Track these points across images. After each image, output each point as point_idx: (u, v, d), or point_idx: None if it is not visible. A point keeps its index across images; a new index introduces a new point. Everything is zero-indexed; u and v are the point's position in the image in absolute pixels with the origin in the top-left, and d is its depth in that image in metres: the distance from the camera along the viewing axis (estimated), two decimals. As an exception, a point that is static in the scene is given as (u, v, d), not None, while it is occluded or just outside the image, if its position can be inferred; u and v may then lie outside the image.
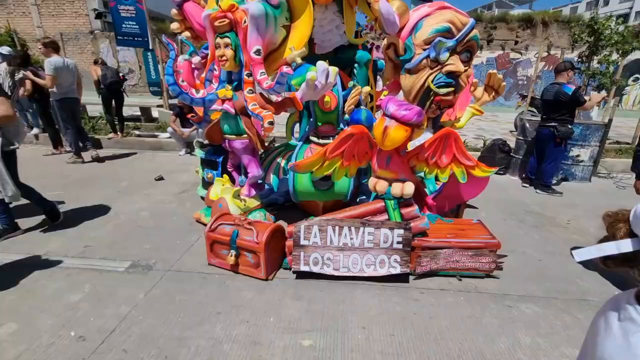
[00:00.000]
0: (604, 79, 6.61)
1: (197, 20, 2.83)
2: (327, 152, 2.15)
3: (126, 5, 6.06)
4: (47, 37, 5.15)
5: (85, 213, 3.32)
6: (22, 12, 14.72)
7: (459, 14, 2.49)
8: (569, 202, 4.11)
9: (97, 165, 4.99)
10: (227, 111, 2.58)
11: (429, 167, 2.35)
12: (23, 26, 14.59)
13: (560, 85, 4.11)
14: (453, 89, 2.52)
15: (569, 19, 13.81)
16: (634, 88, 13.58)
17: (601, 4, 36.60)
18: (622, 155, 6.03)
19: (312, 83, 2.25)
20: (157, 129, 6.81)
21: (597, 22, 6.43)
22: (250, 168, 2.82)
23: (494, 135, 7.78)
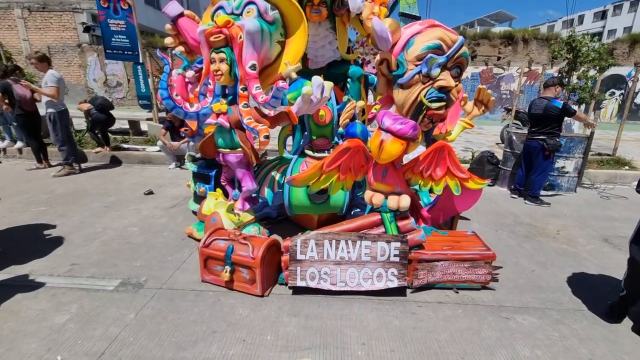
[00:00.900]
0: (584, 94, 6.90)
1: (191, 35, 2.84)
2: (323, 166, 2.16)
3: (116, 20, 6.05)
4: (38, 51, 5.13)
5: (72, 230, 3.21)
6: (7, 25, 14.51)
7: (448, 31, 2.58)
8: (557, 213, 4.21)
9: (83, 180, 4.86)
10: (222, 125, 2.57)
11: (423, 179, 2.38)
12: (8, 39, 14.38)
13: (549, 99, 4.26)
14: (445, 103, 2.59)
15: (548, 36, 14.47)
16: (611, 102, 14.21)
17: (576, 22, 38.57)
18: (604, 166, 6.25)
19: (308, 97, 2.27)
20: (146, 142, 6.72)
21: (575, 40, 6.74)
22: (245, 182, 2.79)
23: (481, 147, 7.97)
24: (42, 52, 4.91)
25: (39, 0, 14.19)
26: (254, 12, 2.41)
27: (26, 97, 4.88)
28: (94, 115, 5.83)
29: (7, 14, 14.37)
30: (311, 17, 2.90)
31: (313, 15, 2.91)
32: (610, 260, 2.98)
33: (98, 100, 6.04)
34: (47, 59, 4.80)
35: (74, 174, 5.05)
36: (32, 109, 5.02)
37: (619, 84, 13.84)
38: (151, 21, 17.23)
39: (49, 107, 4.76)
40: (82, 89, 14.56)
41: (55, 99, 4.69)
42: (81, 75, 14.53)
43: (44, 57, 4.75)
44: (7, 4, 14.27)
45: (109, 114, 6.01)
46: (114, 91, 14.49)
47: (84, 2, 14.14)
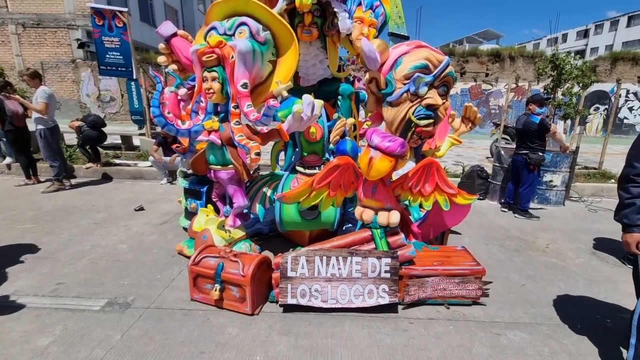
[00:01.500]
0: (569, 109, 7.11)
1: (184, 54, 2.89)
2: (314, 183, 2.18)
3: (110, 37, 6.12)
4: (29, 68, 5.16)
5: (59, 247, 3.15)
6: (1, 41, 14.55)
7: (434, 52, 2.67)
8: (546, 226, 4.26)
9: (73, 196, 4.80)
10: (214, 142, 2.59)
11: (413, 195, 2.41)
12: (1, 55, 14.40)
13: (528, 115, 4.42)
14: (432, 120, 2.66)
15: (533, 54, 14.98)
16: (595, 117, 14.64)
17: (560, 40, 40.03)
18: (591, 179, 6.39)
19: (299, 115, 2.31)
20: (138, 158, 6.69)
21: (558, 58, 7.00)
22: (236, 198, 2.79)
23: (471, 161, 8.10)
24: (34, 69, 4.94)
25: (34, 17, 14.30)
26: (246, 33, 2.47)
27: (18, 113, 4.86)
28: (86, 132, 5.82)
29: (1, 30, 14.44)
30: (302, 37, 2.99)
31: (304, 36, 2.99)
32: (599, 274, 3.02)
33: (90, 117, 6.04)
34: (39, 76, 4.83)
35: (63, 189, 5.00)
36: (23, 124, 4.99)
37: (603, 100, 14.31)
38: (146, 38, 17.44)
39: (39, 123, 4.74)
40: (75, 104, 14.54)
41: (44, 115, 4.69)
42: (74, 90, 14.53)
43: (35, 73, 4.77)
44: (0, 21, 14.35)
45: (100, 131, 6.00)
46: (107, 106, 14.49)
47: (79, 19, 14.29)
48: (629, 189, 1.69)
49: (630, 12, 34.83)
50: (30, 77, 4.69)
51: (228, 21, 2.56)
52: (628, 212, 1.69)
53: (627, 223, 1.71)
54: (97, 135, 5.91)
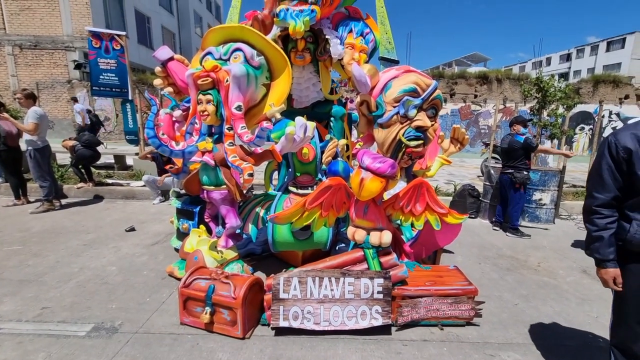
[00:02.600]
0: (555, 130, 7.34)
1: (179, 77, 2.95)
2: (306, 203, 2.20)
3: (107, 59, 6.23)
4: (25, 89, 5.20)
5: (45, 270, 3.07)
6: (-4, 61, 14.66)
7: (422, 76, 2.79)
8: (537, 245, 4.30)
9: (62, 217, 4.73)
10: (207, 163, 2.62)
11: (404, 215, 2.44)
12: (-4, 74, 14.48)
13: (513, 135, 4.58)
14: (422, 141, 2.74)
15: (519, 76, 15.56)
16: (581, 136, 15.08)
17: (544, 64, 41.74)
18: (579, 197, 6.51)
19: (291, 137, 2.36)
20: (131, 177, 6.66)
21: (542, 81, 7.29)
22: (229, 218, 2.79)
23: (463, 180, 8.22)
24: (30, 90, 4.97)
25: (32, 39, 14.51)
26: (241, 58, 2.56)
27: (12, 133, 4.86)
28: (80, 151, 5.79)
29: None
30: (296, 61, 3.10)
31: (297, 60, 3.10)
32: (590, 292, 3.03)
33: (85, 136, 6.04)
34: (33, 97, 4.85)
35: (53, 210, 4.92)
36: (16, 144, 4.98)
37: (587, 120, 14.79)
38: (142, 59, 17.75)
39: (29, 143, 4.72)
40: (69, 123, 14.52)
41: (32, 134, 4.67)
42: (69, 110, 14.55)
43: (30, 94, 4.80)
44: (-2, 42, 14.52)
45: (95, 150, 5.98)
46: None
47: (77, 41, 14.52)
48: (594, 221, 1.62)
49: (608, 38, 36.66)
50: (24, 97, 4.72)
51: (223, 47, 2.65)
52: (598, 246, 1.61)
53: (599, 258, 1.62)
54: (90, 154, 5.89)
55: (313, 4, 2.82)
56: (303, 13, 2.77)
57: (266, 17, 2.84)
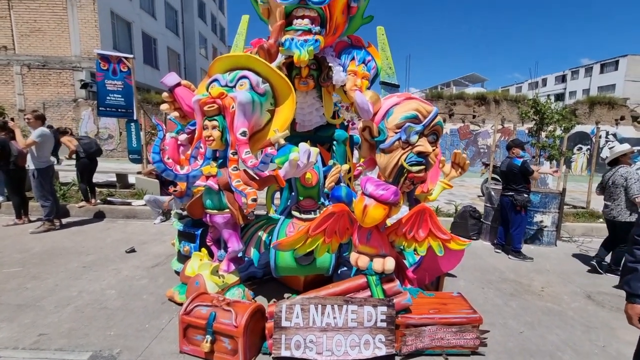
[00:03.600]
0: (553, 151, 7.42)
1: (186, 102, 3.02)
2: (309, 230, 2.21)
3: (113, 80, 6.38)
4: (36, 110, 5.31)
5: (44, 294, 3.04)
6: (4, 81, 14.97)
7: (423, 103, 2.86)
8: (540, 268, 4.27)
9: (63, 237, 4.71)
10: (211, 187, 2.64)
11: (407, 241, 2.44)
12: (3, 93, 14.75)
13: (511, 158, 4.64)
14: (424, 166, 2.77)
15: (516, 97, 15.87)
16: (580, 156, 15.21)
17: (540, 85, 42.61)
18: (580, 219, 6.51)
19: (295, 163, 2.39)
20: (133, 196, 6.67)
21: (539, 103, 7.43)
22: (231, 242, 2.78)
23: (463, 200, 8.23)
24: (40, 112, 5.07)
25: (40, 59, 14.88)
26: (247, 85, 2.63)
27: (23, 153, 4.92)
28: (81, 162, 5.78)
29: (6, 70, 14.92)
30: (299, 87, 3.18)
31: (301, 86, 3.19)
32: (596, 319, 2.99)
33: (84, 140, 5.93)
34: (42, 118, 4.96)
35: (53, 230, 4.91)
36: (24, 164, 5.04)
37: (585, 140, 14.97)
38: (148, 79, 18.15)
39: (33, 162, 4.76)
40: (72, 140, 14.67)
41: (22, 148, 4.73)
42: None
43: (40, 116, 4.90)
44: (7, 61, 14.89)
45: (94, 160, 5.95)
46: (105, 143, 14.66)
47: (85, 62, 14.90)
48: (634, 252, 1.53)
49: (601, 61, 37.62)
50: (34, 118, 4.80)
51: (230, 74, 2.73)
52: (630, 278, 1.51)
53: (629, 291, 1.52)
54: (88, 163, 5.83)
55: (317, 34, 2.93)
56: (307, 43, 2.86)
57: (272, 46, 2.94)
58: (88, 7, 14.70)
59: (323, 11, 2.92)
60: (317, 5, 2.88)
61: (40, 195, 4.83)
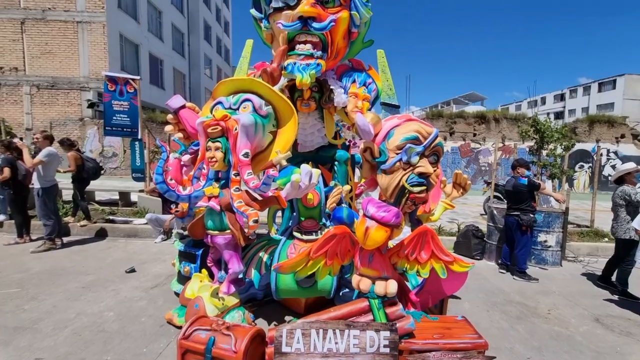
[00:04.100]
0: (554, 169, 7.42)
1: (190, 124, 3.08)
2: (310, 252, 2.20)
3: (120, 101, 6.52)
4: (45, 130, 5.43)
5: (41, 315, 3.00)
6: (13, 101, 15.34)
7: (423, 124, 2.90)
8: (545, 289, 4.18)
9: (63, 256, 4.68)
10: (213, 208, 2.65)
11: (409, 263, 2.41)
12: (11, 112, 15.07)
13: (516, 178, 4.64)
14: (425, 187, 2.78)
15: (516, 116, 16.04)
16: (581, 174, 15.19)
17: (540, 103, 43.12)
18: (585, 238, 6.43)
19: (297, 184, 2.41)
20: (135, 214, 6.67)
21: (539, 122, 7.50)
22: (232, 263, 2.76)
23: (466, 218, 8.18)
24: (49, 132, 5.17)
25: (49, 79, 15.29)
26: (250, 107, 2.69)
27: (30, 172, 4.99)
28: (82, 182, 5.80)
29: (16, 90, 15.31)
30: (301, 109, 3.24)
31: (303, 108, 3.25)
32: (605, 344, 2.90)
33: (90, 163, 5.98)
34: (51, 138, 5.06)
35: (54, 249, 4.89)
36: (29, 183, 5.09)
37: (586, 158, 14.99)
38: (154, 98, 18.54)
39: (38, 181, 4.81)
40: (77, 158, 14.86)
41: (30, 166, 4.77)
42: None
43: (48, 136, 5.00)
44: (17, 82, 15.29)
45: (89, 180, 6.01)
46: (109, 161, 14.81)
47: (92, 82, 15.29)
48: None
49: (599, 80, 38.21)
50: (42, 138, 4.90)
51: (233, 97, 2.79)
52: None
53: None
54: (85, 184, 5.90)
55: (319, 59, 3.01)
56: (309, 67, 2.94)
57: (275, 70, 3.02)
58: (98, 31, 15.23)
59: (325, 37, 3.02)
60: (319, 31, 2.98)
61: (43, 214, 4.84)
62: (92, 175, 6.01)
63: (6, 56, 15.19)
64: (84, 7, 15.13)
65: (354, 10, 3.13)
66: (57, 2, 15.03)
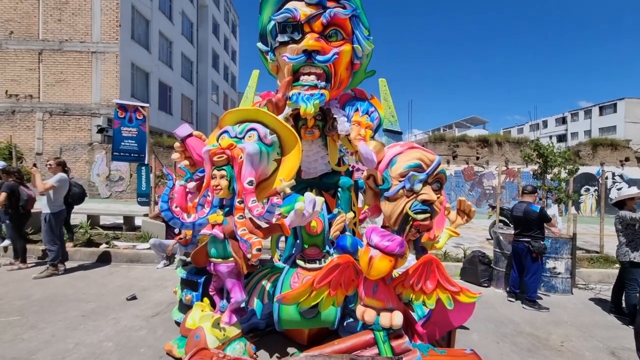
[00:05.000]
0: (560, 194, 7.37)
1: (197, 152, 3.15)
2: (314, 283, 2.17)
3: (129, 127, 6.70)
4: (58, 157, 5.58)
5: (39, 345, 2.94)
6: (26, 126, 15.81)
7: (426, 152, 2.94)
8: (557, 319, 4.04)
9: (65, 282, 4.65)
10: (216, 235, 2.65)
11: (415, 293, 2.37)
12: (23, 138, 15.48)
13: (528, 204, 4.57)
14: (429, 214, 2.78)
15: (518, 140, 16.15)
16: (587, 197, 15.03)
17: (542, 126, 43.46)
18: (595, 264, 6.27)
19: (301, 213, 2.42)
20: (138, 239, 6.67)
21: (542, 147, 7.53)
22: (234, 292, 2.72)
23: (472, 243, 8.06)
24: (62, 159, 5.31)
25: (62, 106, 15.81)
26: (255, 136, 2.75)
27: (32, 197, 5.07)
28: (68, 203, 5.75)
29: (29, 116, 15.82)
30: (305, 137, 3.32)
31: (307, 136, 3.32)
32: (624, 381, 2.77)
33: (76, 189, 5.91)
34: (63, 165, 5.19)
35: (56, 275, 4.86)
36: (31, 208, 5.15)
37: (591, 181, 14.89)
38: (161, 123, 19.01)
39: (48, 206, 4.87)
40: (84, 183, 15.03)
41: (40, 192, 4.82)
42: (86, 170, 15.22)
43: (61, 163, 5.14)
44: (30, 108, 15.83)
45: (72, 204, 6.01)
46: (115, 185, 15.00)
47: (103, 108, 15.77)
48: None
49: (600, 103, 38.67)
50: (55, 165, 5.03)
51: (239, 126, 2.87)
52: None
53: None
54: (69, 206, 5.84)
55: (322, 89, 3.11)
56: (313, 97, 3.04)
57: (280, 100, 3.12)
58: (111, 60, 15.91)
59: (328, 68, 3.13)
60: (323, 63, 3.09)
61: (48, 240, 4.86)
62: (76, 200, 6.07)
63: (22, 84, 15.83)
64: (99, 38, 15.90)
65: (356, 44, 3.26)
66: (73, 33, 15.83)
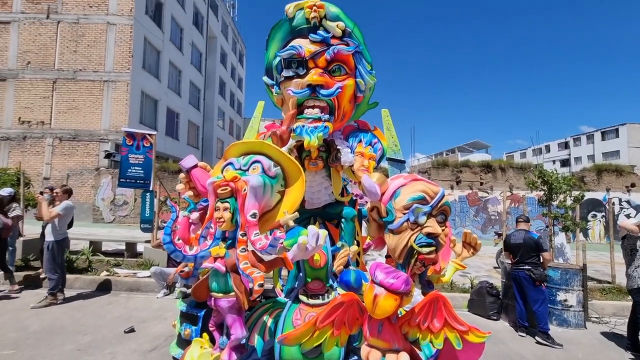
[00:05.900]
0: (567, 222, 7.24)
1: (201, 183, 3.18)
2: (317, 322, 2.11)
3: (136, 154, 6.82)
4: (65, 185, 5.66)
5: (33, 383, 2.85)
6: (36, 152, 16.15)
7: (429, 184, 2.94)
8: (571, 357, 3.86)
9: (63, 313, 4.56)
10: (218, 269, 2.62)
11: (422, 332, 2.28)
12: (32, 162, 15.78)
13: (526, 231, 4.56)
14: (434, 247, 2.73)
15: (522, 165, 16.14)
16: (595, 223, 14.76)
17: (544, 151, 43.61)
18: (608, 295, 6.06)
19: (304, 247, 2.39)
20: (139, 266, 6.59)
21: (545, 174, 7.50)
22: (234, 329, 2.64)
23: (478, 271, 7.86)
24: (68, 187, 5.38)
25: (72, 132, 16.21)
26: (259, 169, 2.78)
27: (8, 225, 5.07)
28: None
29: (39, 142, 16.20)
30: (309, 168, 3.34)
31: (311, 167, 3.35)
32: None
33: None
34: (69, 192, 5.24)
35: (55, 304, 4.78)
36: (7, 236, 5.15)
37: (598, 207, 14.68)
38: (168, 148, 19.36)
39: (52, 234, 4.87)
40: (89, 207, 15.14)
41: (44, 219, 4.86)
42: (91, 195, 15.35)
43: (67, 190, 5.20)
44: (41, 134, 16.24)
45: None
46: (119, 209, 15.05)
47: (111, 134, 16.15)
48: None
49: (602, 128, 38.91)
50: (62, 192, 5.09)
51: (244, 158, 2.91)
52: None
53: None
54: None
55: (326, 122, 3.18)
56: (317, 129, 3.09)
57: (284, 132, 3.18)
58: (122, 88, 16.47)
59: (332, 102, 3.21)
60: (327, 97, 3.18)
61: (49, 268, 4.83)
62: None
63: (35, 111, 16.34)
64: (112, 67, 16.56)
65: (359, 78, 3.36)
66: (88, 63, 16.51)
